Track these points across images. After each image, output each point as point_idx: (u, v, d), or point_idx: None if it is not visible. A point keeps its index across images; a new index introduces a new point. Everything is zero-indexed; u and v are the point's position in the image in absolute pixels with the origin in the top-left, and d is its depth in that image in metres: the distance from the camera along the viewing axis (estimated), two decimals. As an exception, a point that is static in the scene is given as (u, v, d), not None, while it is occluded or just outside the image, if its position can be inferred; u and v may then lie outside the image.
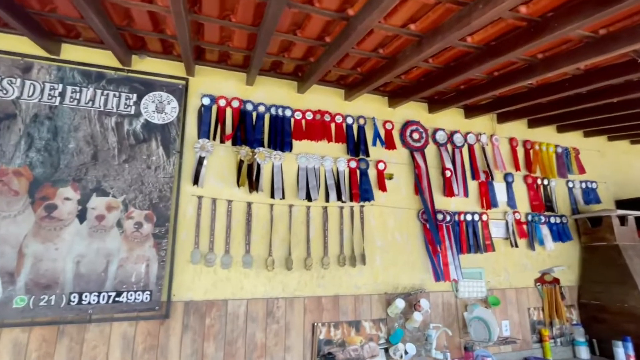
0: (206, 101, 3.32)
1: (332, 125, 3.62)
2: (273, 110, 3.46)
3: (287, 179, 3.37)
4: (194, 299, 2.93)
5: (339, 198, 3.42)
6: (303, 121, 3.55)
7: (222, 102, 3.36)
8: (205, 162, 3.21)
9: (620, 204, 4.87)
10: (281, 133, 3.44)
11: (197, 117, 3.30)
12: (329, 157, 3.51)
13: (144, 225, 2.92)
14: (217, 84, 3.41)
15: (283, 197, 3.28)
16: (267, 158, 3.37)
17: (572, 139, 4.95)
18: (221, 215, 3.18)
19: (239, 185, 3.26)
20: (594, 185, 4.86)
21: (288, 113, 3.49)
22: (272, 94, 3.51)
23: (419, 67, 3.21)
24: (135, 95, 3.13)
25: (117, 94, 3.11)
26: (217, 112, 3.31)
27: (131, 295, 2.80)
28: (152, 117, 3.16)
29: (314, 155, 3.47)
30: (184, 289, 2.93)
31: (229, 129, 3.35)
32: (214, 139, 3.26)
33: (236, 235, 3.18)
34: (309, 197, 3.33)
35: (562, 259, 4.41)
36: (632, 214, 4.43)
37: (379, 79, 3.16)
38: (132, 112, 3.12)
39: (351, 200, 3.48)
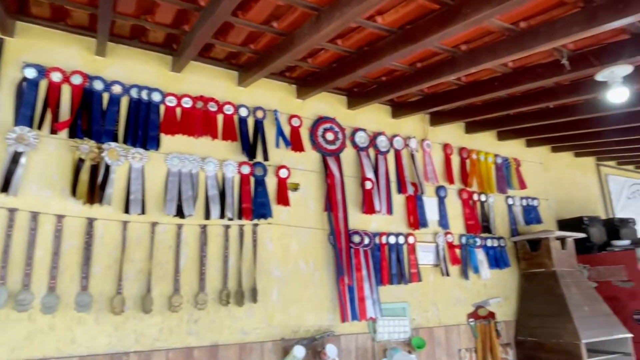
0: (31, 73, 2.64)
1: (220, 118, 3.19)
2: (134, 93, 2.92)
3: (150, 187, 2.86)
4: (-7, 361, 2.33)
5: (225, 214, 3.01)
6: (178, 109, 3.05)
7: (56, 77, 2.69)
8: (23, 159, 2.53)
9: (562, 224, 4.82)
10: (145, 124, 2.89)
11: (14, 95, 2.61)
12: (213, 159, 3.07)
13: None
14: (51, 51, 2.75)
15: (143, 212, 2.78)
16: (121, 157, 2.78)
17: (514, 148, 4.87)
18: (46, 237, 2.54)
19: (75, 194, 2.57)
20: (536, 203, 4.80)
21: (157, 97, 2.98)
22: (134, 70, 2.98)
23: (327, 50, 3.00)
24: None
25: None
26: (48, 89, 2.70)
27: None
28: (-61, 92, 2.37)
29: (192, 156, 2.99)
30: (-25, 345, 2.31)
31: (65, 115, 2.71)
32: (40, 127, 2.63)
33: (69, 265, 2.56)
34: (181, 213, 2.87)
35: (498, 289, 4.24)
36: (571, 235, 4.34)
37: (277, 59, 2.84)
38: None
39: (241, 217, 3.07)
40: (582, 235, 4.41)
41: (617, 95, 2.94)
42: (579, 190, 5.38)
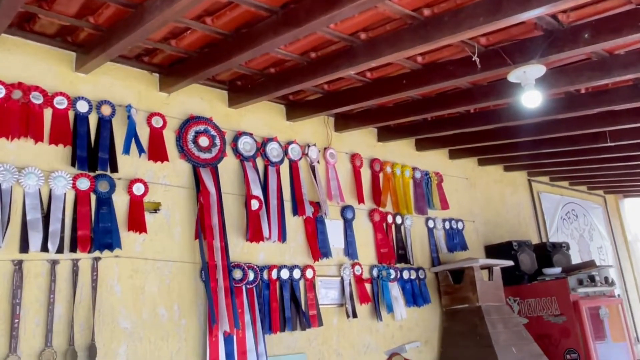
0: None
1: (47, 113, 3.01)
2: None
3: None
4: None
5: (49, 246, 2.81)
6: (-16, 101, 2.84)
7: None
8: None
9: (490, 250, 5.07)
10: None
11: None
12: (35, 169, 2.87)
13: None
14: None
15: None
16: None
17: (435, 160, 5.09)
18: None
19: None
20: (460, 226, 5.02)
21: (-51, 83, 2.73)
22: None
23: (194, 30, 2.98)
24: None
25: None
26: None
27: None
28: None
29: (3, 164, 2.79)
30: None
31: None
32: None
33: None
34: (-18, 244, 2.65)
35: (417, 331, 4.36)
36: (498, 264, 4.54)
37: (126, 37, 2.72)
38: None
39: (75, 248, 2.91)
40: (510, 263, 4.65)
41: (530, 99, 3.13)
42: (509, 210, 5.73)
